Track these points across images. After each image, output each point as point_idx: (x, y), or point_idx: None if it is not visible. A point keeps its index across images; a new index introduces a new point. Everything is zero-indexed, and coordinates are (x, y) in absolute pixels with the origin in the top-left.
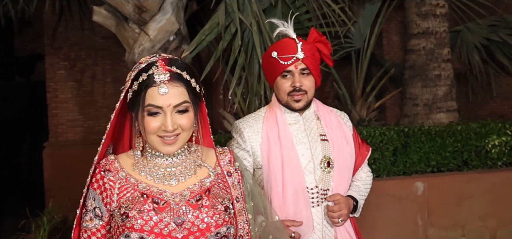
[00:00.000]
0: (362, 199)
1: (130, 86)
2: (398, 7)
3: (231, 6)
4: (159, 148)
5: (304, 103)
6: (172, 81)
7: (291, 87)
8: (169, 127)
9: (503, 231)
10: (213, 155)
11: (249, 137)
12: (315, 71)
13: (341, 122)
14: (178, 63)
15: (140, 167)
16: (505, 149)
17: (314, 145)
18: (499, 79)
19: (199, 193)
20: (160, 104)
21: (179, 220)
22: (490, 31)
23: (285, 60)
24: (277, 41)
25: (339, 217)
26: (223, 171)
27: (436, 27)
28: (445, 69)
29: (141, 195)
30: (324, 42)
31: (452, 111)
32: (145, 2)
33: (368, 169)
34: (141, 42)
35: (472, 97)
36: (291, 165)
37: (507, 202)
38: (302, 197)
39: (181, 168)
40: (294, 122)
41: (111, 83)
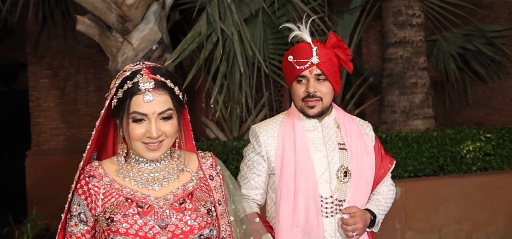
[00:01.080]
0: (381, 213)
1: (115, 93)
2: (376, 17)
3: (212, 16)
4: (143, 154)
5: (318, 110)
6: (157, 89)
7: (305, 93)
8: (153, 133)
9: (478, 234)
10: (195, 160)
11: (265, 141)
12: (332, 77)
13: (362, 132)
14: (162, 71)
15: (124, 172)
16: (479, 154)
17: (331, 153)
18: (475, 87)
19: (182, 197)
20: (144, 111)
21: (163, 223)
22: (465, 40)
23: (300, 65)
24: (294, 45)
25: (353, 231)
26: (205, 175)
27: (413, 37)
28: (422, 77)
29: (126, 199)
30: (342, 47)
31: (429, 118)
32: (128, 12)
33: (391, 183)
34: (124, 51)
35: (449, 105)
36: (304, 172)
37: (481, 206)
38: (313, 206)
39: (164, 173)
40: (312, 128)
41: (94, 92)
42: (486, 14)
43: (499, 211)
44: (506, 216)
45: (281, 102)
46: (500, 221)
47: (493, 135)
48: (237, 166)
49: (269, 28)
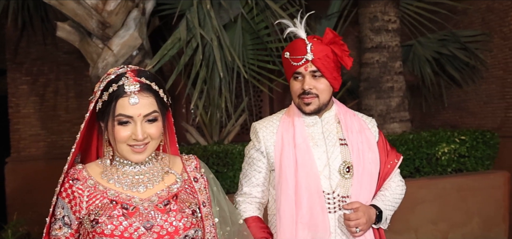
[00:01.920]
0: (388, 209)
1: (99, 96)
2: (353, 23)
3: (192, 22)
4: (128, 156)
5: (315, 107)
6: (142, 91)
7: (301, 90)
8: (139, 135)
9: (454, 234)
10: (179, 162)
11: (264, 137)
12: (328, 74)
13: (364, 127)
14: (146, 74)
15: (109, 175)
16: (454, 156)
17: (331, 149)
18: (450, 91)
19: (167, 198)
20: (130, 114)
21: (148, 224)
22: (440, 45)
23: (295, 62)
24: (291, 41)
25: (356, 226)
26: (190, 177)
27: (389, 42)
28: (398, 81)
29: (110, 201)
30: (339, 43)
31: (405, 121)
32: (109, 18)
33: (400, 179)
34: (105, 57)
35: (426, 108)
36: (305, 168)
37: (456, 206)
38: (318, 202)
39: (149, 175)
40: (312, 124)
41: (74, 98)
42: (460, 20)
43: (474, 211)
44: (481, 216)
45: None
46: (474, 221)
47: (467, 137)
48: (217, 170)
49: (248, 34)
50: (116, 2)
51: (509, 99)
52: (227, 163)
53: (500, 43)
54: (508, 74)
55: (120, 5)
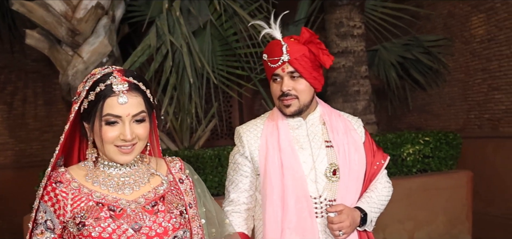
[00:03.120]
0: (373, 211)
1: (85, 96)
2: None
3: (162, 29)
4: (115, 157)
5: (295, 108)
6: (131, 91)
7: (280, 92)
8: (127, 135)
9: (420, 232)
10: (164, 164)
11: (248, 142)
12: (307, 74)
13: (350, 127)
14: (133, 74)
15: (93, 177)
16: (419, 157)
17: (317, 151)
18: (414, 94)
19: (154, 200)
20: (119, 113)
21: (137, 225)
22: (404, 49)
23: (273, 63)
24: (268, 43)
25: (339, 229)
26: (175, 178)
27: (354, 47)
28: (364, 85)
29: (96, 204)
30: (315, 42)
31: (371, 124)
32: (78, 25)
33: (387, 180)
34: (75, 64)
35: (391, 111)
36: (291, 171)
37: (422, 206)
38: (306, 206)
39: (135, 177)
40: (296, 126)
41: (43, 106)
42: (423, 25)
43: (439, 210)
44: (445, 214)
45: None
46: (439, 219)
47: (431, 138)
48: None
49: (217, 40)
50: (86, 9)
51: (470, 101)
52: (198, 167)
53: (461, 48)
54: (469, 77)
55: (90, 12)
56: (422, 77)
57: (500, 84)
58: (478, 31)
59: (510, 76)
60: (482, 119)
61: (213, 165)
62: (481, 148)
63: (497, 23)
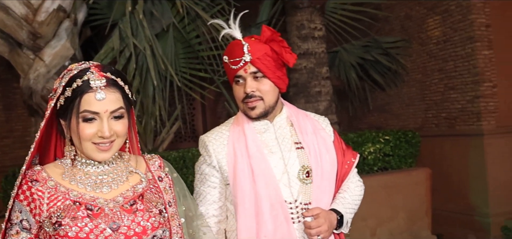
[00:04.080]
0: (349, 212)
1: (62, 93)
2: (282, 31)
3: (125, 32)
4: (93, 155)
5: (260, 110)
6: (109, 87)
7: (243, 94)
8: (105, 132)
9: (382, 229)
10: (143, 162)
11: (214, 150)
12: (271, 74)
13: (318, 127)
14: (111, 69)
15: (70, 175)
16: (380, 155)
17: (287, 154)
18: (374, 94)
19: (132, 198)
20: (96, 110)
21: (115, 225)
22: (364, 51)
23: (234, 65)
24: (228, 44)
25: (317, 234)
26: (154, 176)
27: (315, 48)
28: (325, 86)
29: (73, 202)
30: (277, 40)
31: (333, 124)
32: (40, 29)
33: (358, 179)
34: (36, 67)
35: (352, 112)
36: (263, 177)
37: (383, 203)
38: (281, 212)
39: (113, 175)
40: (263, 130)
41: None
42: (382, 27)
43: (399, 207)
44: (406, 211)
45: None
46: (400, 216)
47: (391, 137)
48: None
49: (179, 43)
50: (47, 12)
51: (428, 101)
52: None
53: (418, 49)
54: (426, 78)
55: (51, 15)
56: (381, 78)
57: (456, 84)
58: (434, 33)
59: (465, 76)
60: (440, 118)
61: (178, 167)
62: (439, 146)
63: (452, 25)
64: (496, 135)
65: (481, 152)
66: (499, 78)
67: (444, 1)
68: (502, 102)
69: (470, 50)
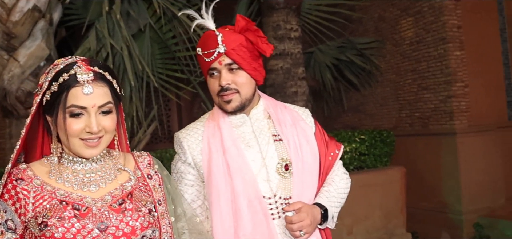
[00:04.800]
0: (334, 205)
1: (47, 88)
2: None
3: (101, 32)
4: (81, 151)
5: (237, 103)
6: (96, 81)
7: (218, 87)
8: (94, 128)
9: (358, 227)
10: (132, 159)
11: (189, 147)
12: (247, 65)
13: (298, 119)
14: (99, 63)
15: (57, 174)
16: (355, 155)
17: (265, 147)
18: (349, 95)
19: (121, 197)
20: (84, 104)
21: (103, 225)
22: (338, 52)
23: (208, 57)
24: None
25: (300, 229)
26: (144, 174)
27: (291, 49)
28: (301, 86)
29: (60, 202)
30: (253, 29)
31: None
32: (14, 29)
33: (344, 171)
34: (11, 68)
35: (327, 112)
36: (240, 173)
37: (360, 201)
38: (259, 208)
39: (101, 173)
40: (240, 124)
41: None
42: (356, 28)
43: (375, 205)
44: (381, 209)
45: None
46: (376, 214)
47: (366, 136)
48: None
49: (156, 44)
50: (22, 12)
51: (402, 101)
52: None
53: (392, 50)
54: (400, 78)
55: (26, 15)
56: (356, 78)
57: (429, 84)
58: (407, 34)
59: (438, 77)
60: (413, 117)
61: None
62: (413, 145)
63: (425, 26)
64: (468, 134)
65: (454, 150)
66: (470, 78)
67: (417, 3)
68: (474, 101)
69: (442, 51)
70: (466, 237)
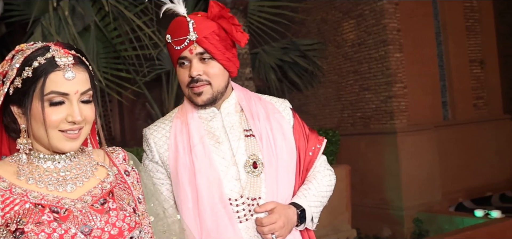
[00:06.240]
0: (313, 205)
1: (17, 74)
2: None
3: (47, 29)
4: (60, 145)
5: (208, 96)
6: (77, 65)
7: (188, 78)
8: (77, 116)
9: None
10: (104, 155)
11: (156, 144)
12: (220, 55)
13: (273, 111)
14: (74, 47)
15: (27, 174)
16: None
17: (235, 144)
18: (292, 95)
19: (101, 196)
20: (66, 90)
21: (87, 228)
22: (282, 53)
23: (177, 44)
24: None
25: (272, 232)
26: (120, 170)
27: (239, 49)
28: (249, 86)
29: (34, 205)
30: (227, 16)
31: None
32: None
33: (327, 167)
34: None
35: None
36: (204, 172)
37: None
38: (224, 211)
39: (76, 171)
40: (209, 118)
41: None
42: (299, 30)
43: None
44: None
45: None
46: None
47: None
48: None
49: (100, 42)
50: None
51: (344, 101)
52: None
53: (334, 51)
54: (342, 79)
55: None
56: (299, 79)
57: (370, 85)
58: (349, 36)
59: (379, 78)
60: (355, 117)
61: None
62: (355, 144)
63: (366, 28)
64: (408, 133)
65: (395, 149)
66: (409, 80)
67: (359, 6)
68: (412, 102)
69: (383, 53)
70: (407, 232)
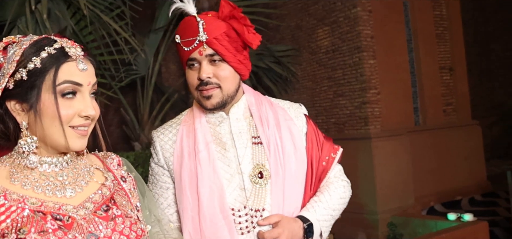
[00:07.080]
0: (324, 219)
1: (22, 66)
2: None
3: (24, 32)
4: (71, 142)
5: (218, 100)
6: (86, 57)
7: (197, 81)
8: (90, 111)
9: None
10: (96, 160)
11: (162, 147)
12: (231, 57)
13: (285, 117)
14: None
15: (21, 178)
16: None
17: (242, 151)
18: None
19: (103, 203)
20: (80, 81)
21: (93, 237)
22: (257, 59)
23: (187, 45)
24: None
25: None
26: (116, 176)
27: None
28: None
29: (34, 212)
30: (239, 16)
31: None
32: None
33: (342, 178)
34: None
35: None
36: (208, 180)
37: None
38: (224, 222)
39: (74, 176)
40: (218, 123)
41: None
42: (273, 35)
43: None
44: None
45: None
46: None
47: None
48: None
49: None
50: None
51: (318, 107)
52: None
53: (308, 57)
54: (316, 85)
55: None
56: (274, 85)
57: (344, 91)
58: (323, 43)
59: (353, 84)
60: (329, 123)
61: None
62: None
63: (340, 35)
64: (381, 138)
65: (369, 154)
66: (382, 86)
67: (333, 13)
68: (385, 108)
69: (357, 59)
70: (381, 236)
